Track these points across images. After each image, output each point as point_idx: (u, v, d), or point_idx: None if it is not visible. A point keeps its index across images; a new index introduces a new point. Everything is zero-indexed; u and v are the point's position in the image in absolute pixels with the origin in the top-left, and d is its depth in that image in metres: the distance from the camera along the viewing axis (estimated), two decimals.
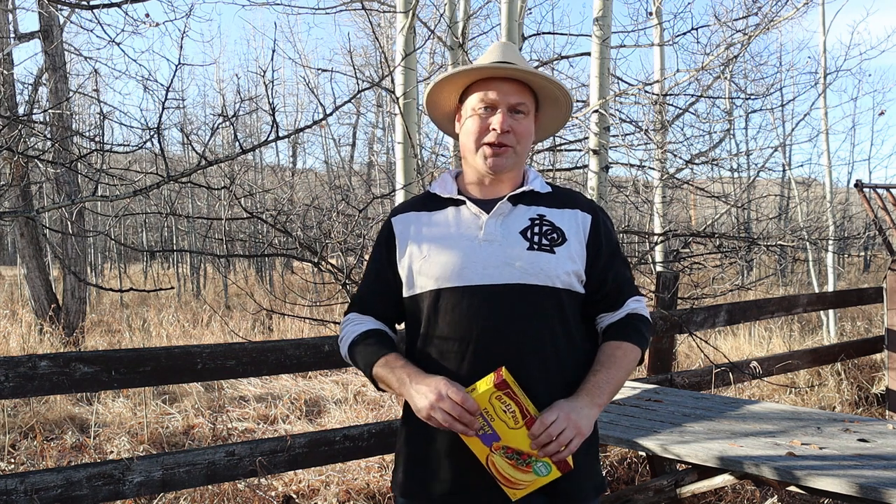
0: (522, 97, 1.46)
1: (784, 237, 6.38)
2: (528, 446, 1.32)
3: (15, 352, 7.48)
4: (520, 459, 1.33)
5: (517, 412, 1.31)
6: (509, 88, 1.45)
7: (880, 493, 1.97)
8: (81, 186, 9.67)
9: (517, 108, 1.46)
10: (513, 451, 1.33)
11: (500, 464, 1.33)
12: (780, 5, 5.07)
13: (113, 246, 18.45)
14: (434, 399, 1.31)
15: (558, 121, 1.58)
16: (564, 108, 1.55)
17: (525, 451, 1.33)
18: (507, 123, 1.44)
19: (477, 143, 1.47)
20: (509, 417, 1.31)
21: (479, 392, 1.31)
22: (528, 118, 1.49)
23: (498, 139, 1.44)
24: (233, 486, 3.49)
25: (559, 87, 1.49)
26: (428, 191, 1.59)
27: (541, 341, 1.43)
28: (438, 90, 1.54)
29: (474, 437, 1.33)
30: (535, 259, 1.43)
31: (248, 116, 18.39)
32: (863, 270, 19.59)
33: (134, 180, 7.08)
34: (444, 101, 1.57)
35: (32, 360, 2.25)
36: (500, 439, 1.32)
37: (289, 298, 9.97)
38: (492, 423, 1.31)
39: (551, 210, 1.49)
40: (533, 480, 1.34)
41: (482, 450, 1.34)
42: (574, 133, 6.53)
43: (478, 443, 1.33)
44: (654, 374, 4.07)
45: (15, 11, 8.66)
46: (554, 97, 1.52)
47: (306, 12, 13.83)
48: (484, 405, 1.31)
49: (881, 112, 19.13)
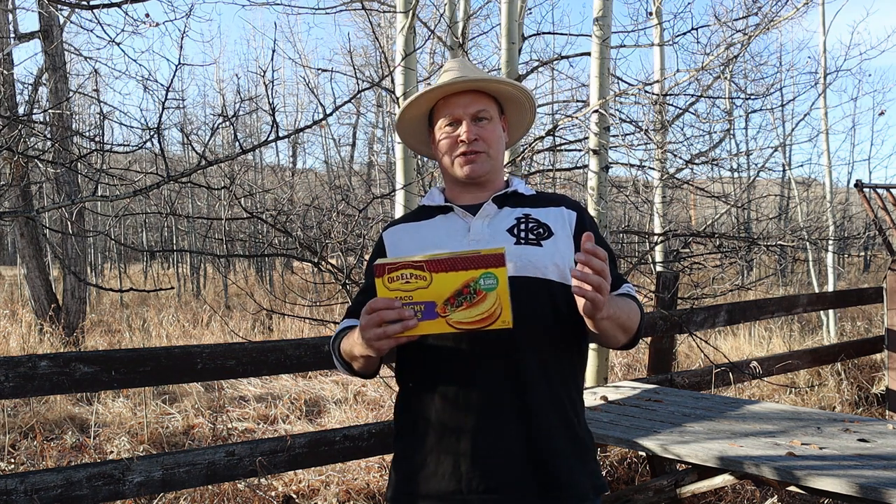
0: (482, 104, 1.53)
1: (784, 237, 6.38)
2: (457, 283, 1.25)
3: (15, 352, 7.48)
4: (465, 296, 1.25)
5: (412, 272, 1.25)
6: (467, 100, 1.53)
7: (880, 493, 1.97)
8: (81, 186, 9.68)
9: (479, 116, 1.53)
10: (453, 298, 1.25)
11: (460, 316, 1.26)
12: (780, 5, 5.07)
13: (113, 246, 18.45)
14: (361, 330, 1.31)
15: (526, 118, 1.65)
16: (528, 105, 1.61)
17: (459, 287, 1.25)
18: (474, 132, 1.51)
19: (451, 156, 1.54)
20: (415, 281, 1.26)
21: (378, 295, 1.27)
22: (493, 122, 1.55)
23: (468, 148, 1.51)
24: (233, 486, 3.49)
25: (513, 86, 1.55)
26: (419, 205, 1.65)
27: (535, 332, 1.43)
28: (406, 121, 1.62)
29: (421, 324, 1.26)
30: (523, 252, 1.46)
31: (248, 116, 18.40)
32: (863, 270, 19.60)
33: (134, 180, 7.08)
34: (415, 129, 1.65)
35: (32, 360, 2.25)
36: (436, 302, 1.26)
37: (289, 298, 9.97)
38: (413, 299, 1.26)
39: (536, 209, 1.55)
40: (495, 299, 1.25)
41: (438, 325, 1.26)
42: (574, 133, 6.53)
43: (427, 325, 1.26)
44: (654, 374, 4.07)
45: (15, 11, 8.66)
46: (513, 98, 1.58)
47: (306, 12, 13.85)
48: (392, 294, 1.26)
49: (881, 112, 19.14)
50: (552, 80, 11.67)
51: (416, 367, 1.51)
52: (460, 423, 1.43)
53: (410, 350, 1.51)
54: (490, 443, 1.41)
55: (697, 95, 6.12)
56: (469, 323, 1.26)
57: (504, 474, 1.40)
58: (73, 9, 6.24)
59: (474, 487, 1.41)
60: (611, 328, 1.37)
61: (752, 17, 5.22)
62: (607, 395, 3.36)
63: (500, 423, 1.41)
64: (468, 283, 1.25)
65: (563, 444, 1.44)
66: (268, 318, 9.16)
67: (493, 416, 1.41)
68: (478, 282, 1.25)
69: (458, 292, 1.25)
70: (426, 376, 1.48)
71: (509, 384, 1.42)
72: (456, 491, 1.42)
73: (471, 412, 1.42)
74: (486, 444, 1.41)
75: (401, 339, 1.28)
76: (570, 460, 1.44)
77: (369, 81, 5.67)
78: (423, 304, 1.26)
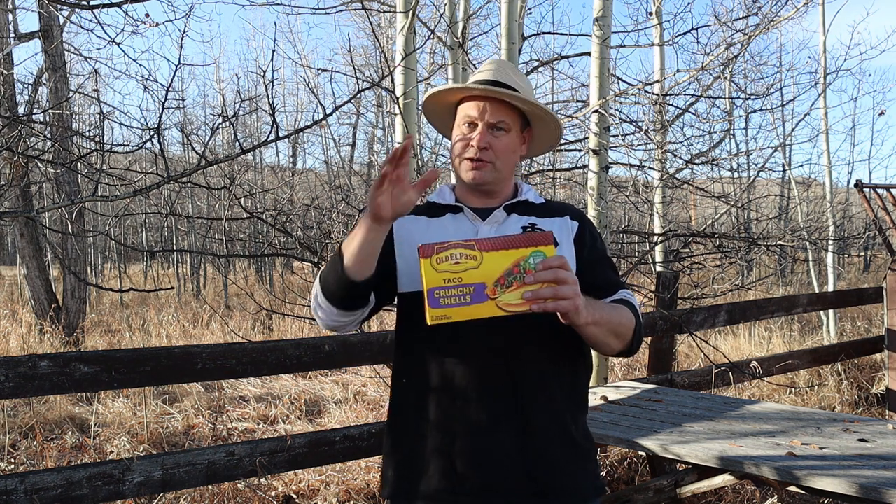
0: (502, 115, 1.52)
1: (784, 237, 6.38)
2: (507, 263, 1.22)
3: (15, 352, 7.48)
4: (515, 276, 1.22)
5: (462, 251, 1.22)
6: (491, 107, 1.51)
7: (880, 493, 1.97)
8: (81, 186, 9.67)
9: (497, 126, 1.51)
10: (503, 278, 1.22)
11: (511, 297, 1.22)
12: (780, 5, 5.07)
13: (113, 246, 18.44)
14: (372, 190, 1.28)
15: (550, 137, 1.64)
16: (553, 126, 1.60)
17: (510, 267, 1.22)
18: (486, 140, 1.50)
19: (459, 156, 1.54)
20: (465, 262, 1.22)
21: (425, 277, 1.22)
22: (510, 135, 1.53)
23: (476, 155, 1.51)
24: (233, 486, 3.49)
25: (542, 110, 1.55)
26: (426, 200, 1.64)
27: (536, 338, 1.44)
28: (434, 101, 1.61)
29: (471, 307, 1.22)
30: None
31: (248, 116, 18.39)
32: (863, 270, 19.59)
33: (134, 180, 7.07)
34: (440, 111, 1.64)
35: (32, 360, 2.25)
36: (486, 283, 1.22)
37: (289, 298, 9.96)
38: (463, 280, 1.22)
39: (542, 219, 1.55)
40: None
41: (488, 308, 1.22)
42: (574, 133, 6.53)
43: (477, 308, 1.22)
44: (654, 374, 4.07)
45: (15, 11, 8.66)
46: (539, 116, 1.58)
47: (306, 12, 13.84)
48: (440, 276, 1.22)
49: (881, 112, 19.15)
50: (552, 80, 11.66)
51: (412, 367, 1.50)
52: (455, 423, 1.43)
53: (410, 351, 1.51)
54: (484, 444, 1.41)
55: (697, 95, 6.12)
56: (520, 304, 1.22)
57: (498, 475, 1.40)
58: (73, 9, 6.24)
59: (468, 488, 1.41)
60: (600, 334, 1.36)
61: (752, 17, 5.22)
62: (607, 395, 3.36)
63: (495, 424, 1.41)
64: (518, 262, 1.22)
65: (558, 446, 1.44)
66: (268, 318, 9.16)
67: (488, 417, 1.41)
68: (528, 260, 1.22)
69: (509, 272, 1.22)
70: (422, 376, 1.48)
71: (506, 387, 1.42)
72: (449, 491, 1.42)
73: (466, 412, 1.42)
74: (480, 444, 1.41)
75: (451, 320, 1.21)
76: (565, 462, 1.44)
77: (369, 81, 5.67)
78: (473, 287, 1.21)
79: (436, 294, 1.22)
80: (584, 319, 1.28)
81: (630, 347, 1.45)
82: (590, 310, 1.30)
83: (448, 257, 1.22)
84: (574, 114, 5.08)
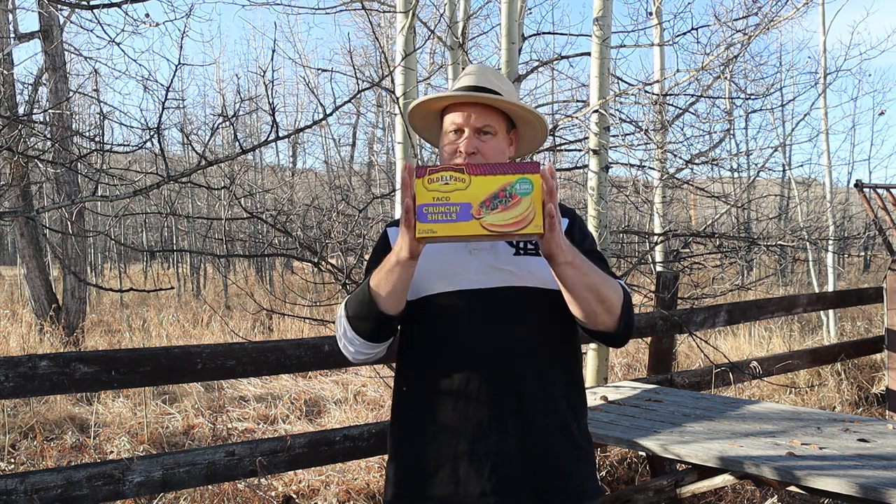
0: (488, 119, 1.52)
1: (784, 237, 6.37)
2: (494, 186, 1.27)
3: (15, 352, 7.48)
4: (500, 199, 1.27)
5: (452, 174, 1.28)
6: (476, 112, 1.52)
7: (880, 493, 1.97)
8: (81, 186, 9.67)
9: (483, 130, 1.52)
10: (489, 201, 1.27)
11: (494, 218, 1.26)
12: (780, 5, 5.07)
13: (113, 246, 18.44)
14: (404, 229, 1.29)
15: (536, 136, 1.64)
16: (539, 126, 1.61)
17: (496, 190, 1.27)
18: (473, 145, 1.50)
19: (447, 162, 1.53)
20: (454, 183, 1.27)
21: (417, 195, 1.27)
22: (496, 138, 1.54)
23: (465, 160, 1.50)
24: (233, 486, 3.49)
25: (526, 111, 1.55)
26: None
27: (534, 341, 1.44)
28: (419, 111, 1.61)
29: (455, 224, 1.26)
30: (523, 262, 1.48)
31: (248, 116, 18.39)
32: (863, 270, 19.59)
33: (134, 180, 7.07)
34: (427, 119, 1.64)
35: (32, 360, 2.25)
36: (472, 204, 1.27)
37: (289, 298, 9.96)
38: (450, 200, 1.27)
39: None
40: (529, 203, 1.27)
41: (472, 226, 1.26)
42: (574, 133, 6.53)
43: (462, 226, 1.26)
44: (654, 374, 4.07)
45: (15, 11, 8.66)
46: (524, 118, 1.58)
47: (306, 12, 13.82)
48: (430, 195, 1.27)
49: (881, 112, 19.16)
50: (552, 80, 11.67)
51: (415, 370, 1.51)
52: (458, 426, 1.43)
53: (410, 357, 1.51)
54: (487, 446, 1.41)
55: (697, 95, 6.11)
56: (502, 226, 1.27)
57: (500, 478, 1.40)
58: (73, 9, 6.24)
59: (470, 491, 1.41)
60: (580, 286, 1.33)
61: (752, 17, 5.22)
62: (607, 395, 3.36)
63: (497, 427, 1.42)
64: (504, 187, 1.27)
65: (559, 448, 1.44)
66: (268, 318, 9.16)
67: (490, 420, 1.42)
68: (514, 186, 1.27)
69: (495, 195, 1.27)
70: (424, 380, 1.48)
71: (507, 389, 1.42)
72: (453, 494, 1.42)
73: (468, 416, 1.43)
74: (482, 447, 1.41)
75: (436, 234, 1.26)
76: (567, 463, 1.44)
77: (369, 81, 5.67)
78: (459, 206, 1.27)
79: (424, 210, 1.27)
80: (565, 257, 1.29)
81: (619, 326, 1.40)
82: (571, 251, 1.30)
83: (439, 178, 1.28)
84: (574, 114, 5.08)
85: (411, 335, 1.52)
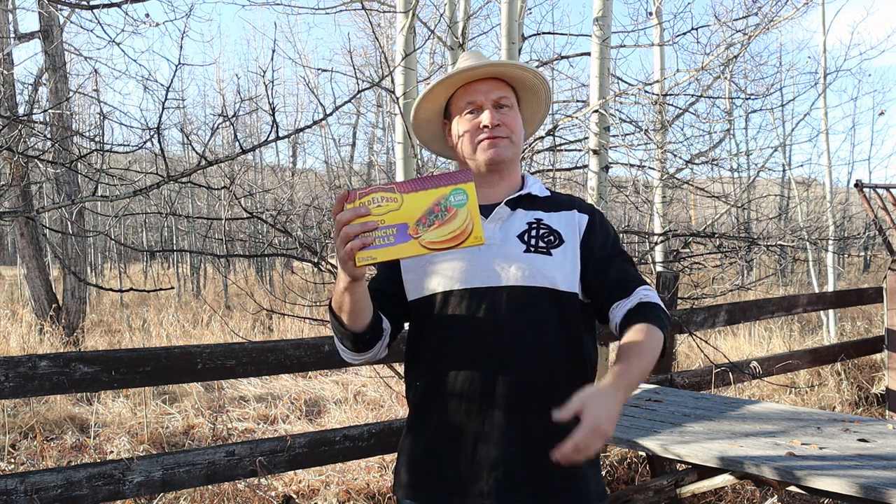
0: (502, 91, 1.53)
1: (784, 237, 6.37)
2: (427, 202, 1.24)
3: (15, 352, 7.48)
4: (436, 214, 1.25)
5: (383, 194, 1.25)
6: (488, 86, 1.52)
7: (880, 493, 1.97)
8: (81, 186, 9.67)
9: (501, 103, 1.52)
10: (425, 217, 1.25)
11: (433, 235, 1.24)
12: (780, 5, 5.07)
13: (113, 246, 18.44)
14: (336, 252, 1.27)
15: (540, 110, 1.64)
16: (544, 96, 1.60)
17: (430, 206, 1.25)
18: (497, 118, 1.50)
19: (473, 141, 1.51)
20: (387, 204, 1.25)
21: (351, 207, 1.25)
22: (514, 110, 1.54)
23: (492, 133, 1.49)
24: (233, 486, 3.49)
25: (533, 73, 1.54)
26: None
27: (541, 341, 1.43)
28: (422, 108, 1.58)
29: (394, 247, 1.24)
30: (533, 261, 1.45)
31: (248, 116, 18.38)
32: (863, 270, 19.60)
33: (134, 180, 7.07)
34: (429, 118, 1.62)
35: (32, 360, 2.25)
36: (408, 223, 1.24)
37: (289, 298, 9.96)
38: (386, 222, 1.24)
39: (549, 214, 1.52)
40: (466, 215, 1.25)
41: (412, 247, 1.24)
42: (574, 133, 6.53)
43: (401, 248, 1.24)
44: (654, 374, 4.06)
45: (15, 11, 8.66)
46: (531, 86, 1.57)
47: (306, 12, 13.83)
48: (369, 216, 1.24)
49: (881, 112, 19.15)
50: (552, 80, 11.63)
51: (424, 366, 1.51)
52: (463, 426, 1.43)
53: (420, 356, 1.51)
54: (490, 447, 1.41)
55: (697, 95, 6.11)
56: (441, 242, 1.25)
57: (500, 479, 1.40)
58: (73, 9, 6.24)
59: (470, 490, 1.41)
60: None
61: (752, 17, 5.22)
62: None
63: (501, 427, 1.41)
64: (438, 201, 1.25)
65: None
66: (268, 318, 9.16)
67: (495, 420, 1.41)
68: (448, 198, 1.25)
69: (430, 211, 1.25)
70: (430, 379, 1.48)
71: (515, 390, 1.42)
72: (454, 493, 1.42)
73: (474, 416, 1.42)
74: (486, 448, 1.41)
75: (376, 260, 1.24)
76: (570, 465, 1.44)
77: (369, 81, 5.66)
78: (396, 227, 1.24)
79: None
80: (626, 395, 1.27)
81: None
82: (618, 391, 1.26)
83: (370, 201, 1.25)
84: (574, 114, 5.08)
85: (420, 331, 1.52)
